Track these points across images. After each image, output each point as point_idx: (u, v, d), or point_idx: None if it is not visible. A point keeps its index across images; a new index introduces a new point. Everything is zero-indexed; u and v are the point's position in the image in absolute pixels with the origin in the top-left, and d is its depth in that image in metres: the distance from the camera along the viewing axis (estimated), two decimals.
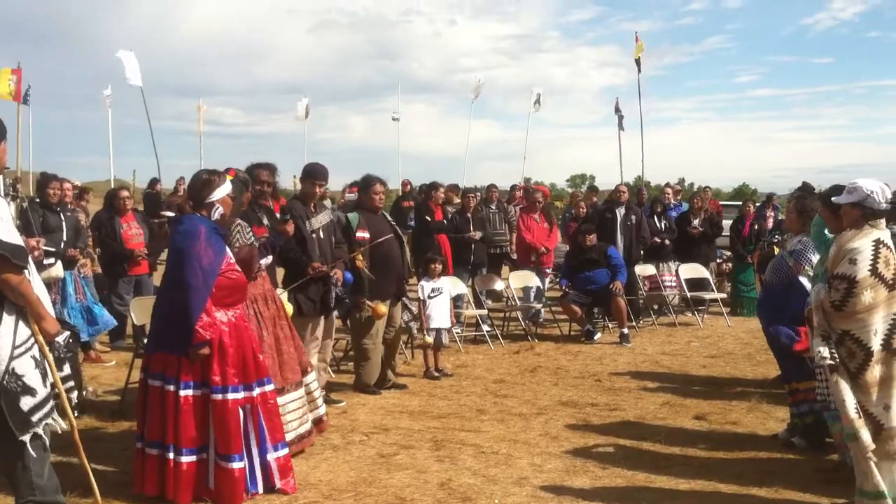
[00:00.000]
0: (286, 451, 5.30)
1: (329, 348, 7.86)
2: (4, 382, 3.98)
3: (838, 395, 4.65)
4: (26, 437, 4.05)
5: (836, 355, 4.66)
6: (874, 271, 4.58)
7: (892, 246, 4.72)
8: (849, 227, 4.82)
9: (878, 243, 4.65)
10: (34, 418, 4.05)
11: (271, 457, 5.16)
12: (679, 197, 15.51)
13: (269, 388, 5.22)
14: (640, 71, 24.58)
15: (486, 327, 11.09)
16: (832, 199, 5.10)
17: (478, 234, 11.70)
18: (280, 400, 5.64)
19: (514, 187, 16.93)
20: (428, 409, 7.50)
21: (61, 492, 4.33)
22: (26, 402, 4.03)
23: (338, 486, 5.36)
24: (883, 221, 4.80)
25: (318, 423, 6.32)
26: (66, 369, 4.52)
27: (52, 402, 4.16)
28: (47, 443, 4.24)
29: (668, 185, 16.11)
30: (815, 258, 5.73)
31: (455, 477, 5.56)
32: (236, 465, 4.91)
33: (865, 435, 4.56)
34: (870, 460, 4.57)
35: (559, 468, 5.80)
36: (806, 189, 6.41)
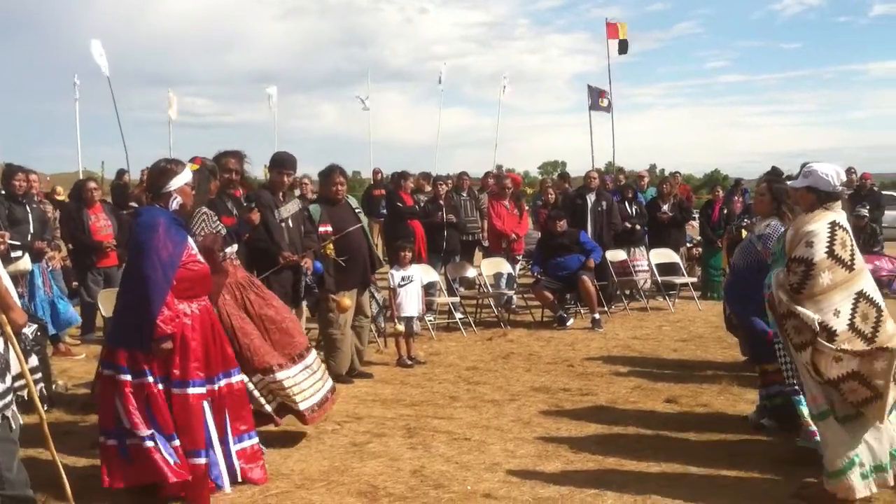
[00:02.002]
0: (254, 440, 5.26)
1: None
2: None
3: (802, 373, 4.73)
4: None
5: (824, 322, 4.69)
6: (831, 253, 4.64)
7: (848, 228, 4.78)
8: (805, 210, 4.87)
9: (833, 225, 4.70)
10: None
11: (235, 448, 5.11)
12: (644, 181, 15.51)
13: (236, 378, 5.18)
14: (624, 52, 24.50)
15: (458, 315, 11.09)
16: (787, 182, 5.16)
17: (452, 217, 11.72)
18: (284, 374, 5.75)
19: (487, 174, 16.92)
20: (400, 397, 7.50)
21: (31, 486, 4.30)
22: None
23: (310, 476, 5.35)
24: (839, 204, 4.85)
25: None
26: (33, 361, 4.50)
27: (7, 398, 4.10)
28: (16, 436, 4.20)
29: (620, 170, 16.16)
30: None
31: (428, 464, 5.58)
32: (200, 460, 4.84)
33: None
34: (835, 435, 4.65)
35: (531, 453, 5.83)
36: (775, 173, 6.44)
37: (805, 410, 5.19)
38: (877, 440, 4.69)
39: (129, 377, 4.80)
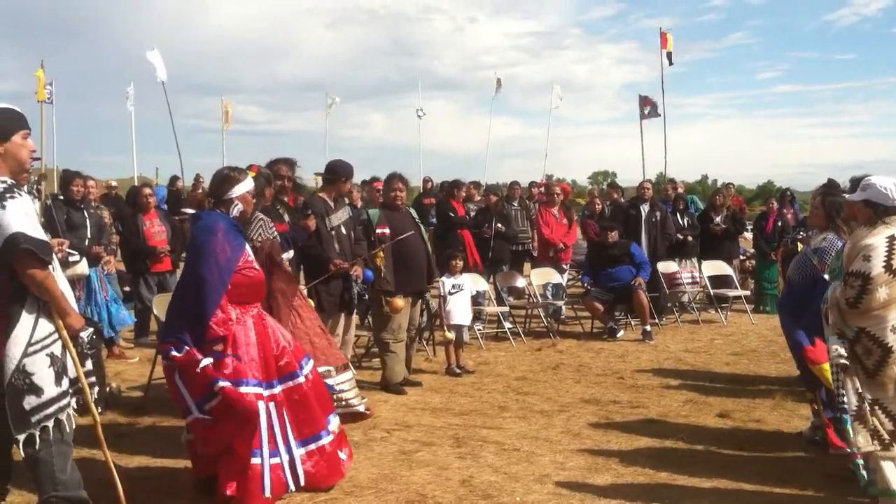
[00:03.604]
0: (320, 442, 5.15)
1: (349, 345, 7.86)
2: (13, 379, 4.01)
3: (846, 396, 4.64)
4: (21, 437, 4.07)
5: (846, 355, 4.64)
6: (889, 268, 4.56)
7: None
8: (862, 224, 4.79)
9: (892, 240, 4.62)
10: (33, 419, 4.06)
11: (298, 453, 5.03)
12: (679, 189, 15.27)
13: (294, 382, 5.10)
14: (671, 63, 24.35)
15: (507, 324, 11.07)
16: (845, 196, 5.08)
17: (500, 227, 11.69)
18: (336, 379, 5.79)
19: (532, 184, 16.90)
20: (449, 406, 7.49)
21: (84, 487, 4.36)
22: (29, 402, 4.05)
23: (359, 483, 5.36)
24: None
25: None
26: (89, 364, 4.55)
27: (63, 402, 4.16)
28: (70, 438, 4.27)
29: (672, 181, 15.99)
30: None
31: (476, 474, 5.55)
32: (255, 460, 4.79)
33: (862, 439, 4.54)
34: (879, 459, 4.55)
35: (581, 466, 5.78)
36: (831, 185, 6.34)
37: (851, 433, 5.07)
38: None
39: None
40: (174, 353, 4.81)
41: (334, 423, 5.30)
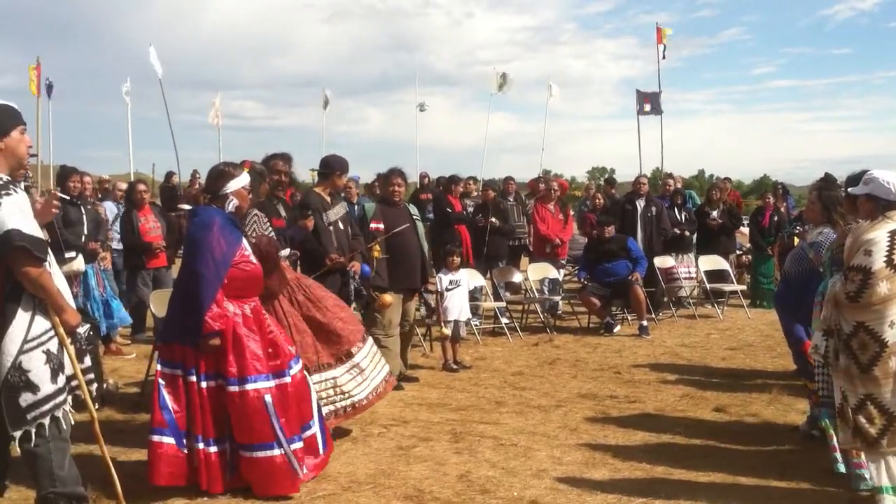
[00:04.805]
0: (310, 431, 5.25)
1: None
2: (9, 376, 4.00)
3: (834, 393, 4.67)
4: (17, 433, 4.07)
5: (829, 352, 4.69)
6: (890, 262, 4.55)
7: None
8: (864, 218, 4.79)
9: (893, 234, 4.61)
10: (29, 416, 4.06)
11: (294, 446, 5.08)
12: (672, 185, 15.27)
13: (280, 380, 5.12)
14: (664, 57, 24.33)
15: (504, 319, 11.07)
16: (848, 190, 5.08)
17: (495, 221, 11.68)
18: (331, 373, 5.88)
19: (535, 180, 16.88)
20: (447, 402, 7.50)
21: (82, 483, 4.37)
22: (25, 399, 4.05)
23: (357, 479, 5.36)
24: None
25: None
26: (87, 361, 4.56)
27: (60, 398, 4.16)
28: (67, 435, 4.27)
29: (669, 175, 15.99)
30: None
31: (474, 469, 5.56)
32: (266, 453, 4.89)
33: (843, 435, 4.58)
34: (878, 457, 4.57)
35: (578, 460, 5.79)
36: (828, 180, 6.34)
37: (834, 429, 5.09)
38: None
39: (179, 372, 4.91)
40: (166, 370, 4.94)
41: (308, 430, 5.29)
